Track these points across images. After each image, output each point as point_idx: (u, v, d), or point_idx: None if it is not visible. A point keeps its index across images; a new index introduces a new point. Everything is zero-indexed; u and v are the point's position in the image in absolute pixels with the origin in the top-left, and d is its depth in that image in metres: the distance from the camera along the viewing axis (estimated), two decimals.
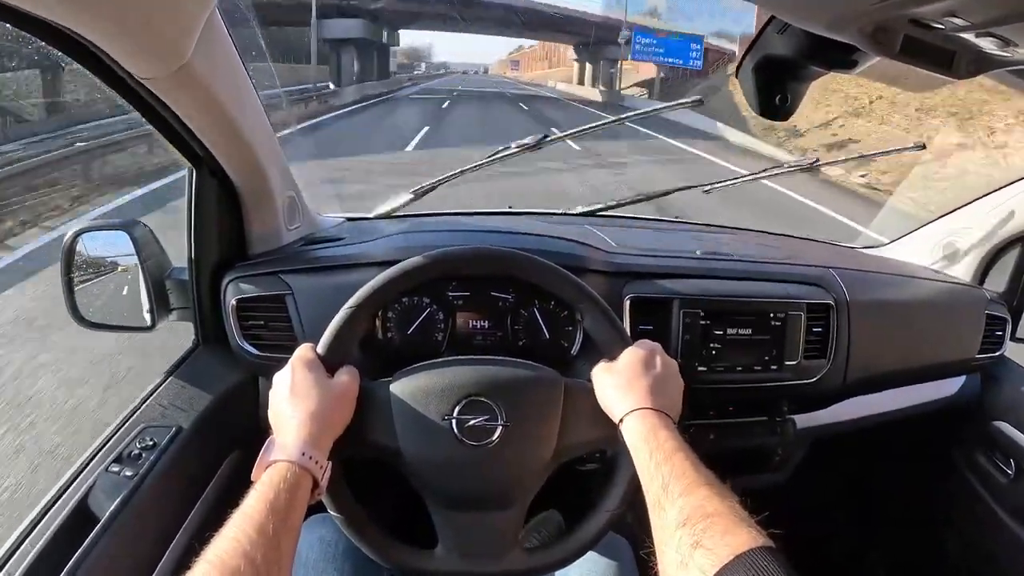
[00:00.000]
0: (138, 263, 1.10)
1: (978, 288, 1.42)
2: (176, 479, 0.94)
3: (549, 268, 0.90)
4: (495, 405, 0.82)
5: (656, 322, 1.12)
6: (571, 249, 1.17)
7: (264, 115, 1.06)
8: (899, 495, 1.65)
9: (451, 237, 1.26)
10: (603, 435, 0.83)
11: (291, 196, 1.21)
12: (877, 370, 1.25)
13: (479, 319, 1.14)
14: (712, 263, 1.23)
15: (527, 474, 0.83)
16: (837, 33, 0.55)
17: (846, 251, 1.66)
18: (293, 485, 0.68)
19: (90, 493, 0.86)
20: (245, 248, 1.16)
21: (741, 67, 0.76)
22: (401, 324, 1.11)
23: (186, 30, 0.75)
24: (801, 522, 1.02)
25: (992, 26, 0.45)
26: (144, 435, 0.96)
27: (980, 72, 0.58)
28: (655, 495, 0.69)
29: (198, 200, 1.08)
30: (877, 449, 1.61)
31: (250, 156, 1.04)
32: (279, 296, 1.08)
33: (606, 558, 0.98)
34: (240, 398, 1.12)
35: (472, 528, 0.83)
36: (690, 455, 0.72)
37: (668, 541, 0.63)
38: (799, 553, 0.62)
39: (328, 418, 0.76)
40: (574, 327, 1.13)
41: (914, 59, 0.54)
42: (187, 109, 0.88)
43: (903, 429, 1.38)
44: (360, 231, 1.32)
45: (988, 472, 1.36)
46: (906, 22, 0.49)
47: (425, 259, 0.88)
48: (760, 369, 1.14)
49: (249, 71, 0.97)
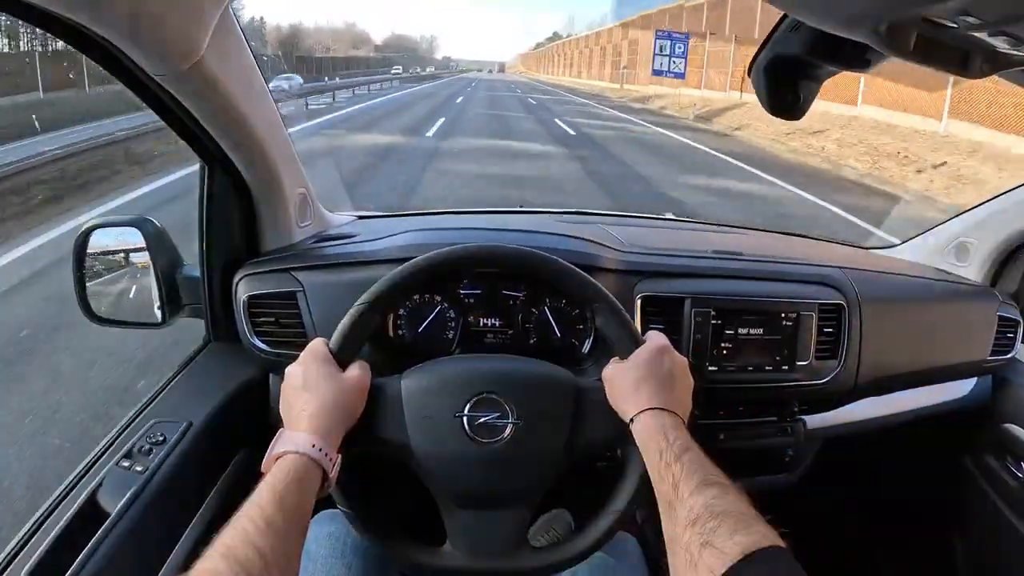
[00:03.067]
0: (150, 259, 1.11)
1: (990, 290, 1.41)
2: (186, 475, 0.95)
3: (561, 266, 0.90)
4: (506, 403, 0.82)
5: (667, 321, 1.11)
6: (583, 247, 1.17)
7: (276, 112, 1.06)
8: (909, 497, 1.63)
9: (462, 235, 1.26)
10: (613, 434, 0.83)
11: (302, 193, 1.21)
12: (888, 371, 1.24)
13: (490, 317, 1.14)
14: (724, 262, 1.23)
15: (537, 472, 0.83)
16: (850, 32, 0.54)
17: (858, 252, 1.65)
18: (303, 477, 0.69)
19: (100, 488, 0.87)
20: (257, 245, 1.17)
21: (753, 65, 0.75)
22: (413, 322, 1.11)
23: (199, 27, 0.76)
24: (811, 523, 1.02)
25: (1005, 24, 0.45)
26: (154, 431, 0.96)
27: (995, 72, 0.58)
28: (665, 494, 0.69)
29: (210, 197, 1.08)
30: (887, 451, 1.59)
31: (262, 153, 1.04)
32: (290, 293, 1.09)
33: (615, 557, 0.98)
34: (251, 395, 1.13)
35: (480, 525, 0.83)
36: (700, 454, 0.72)
37: (678, 540, 0.63)
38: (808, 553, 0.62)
39: (339, 412, 0.77)
40: (586, 326, 1.13)
41: (928, 58, 0.54)
42: (200, 106, 0.89)
43: (914, 431, 1.37)
44: (371, 229, 1.33)
45: (998, 475, 1.35)
46: (919, 21, 0.48)
47: (437, 256, 0.88)
48: (771, 369, 1.14)
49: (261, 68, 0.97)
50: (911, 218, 8.62)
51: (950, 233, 1.51)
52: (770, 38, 0.71)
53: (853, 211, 7.71)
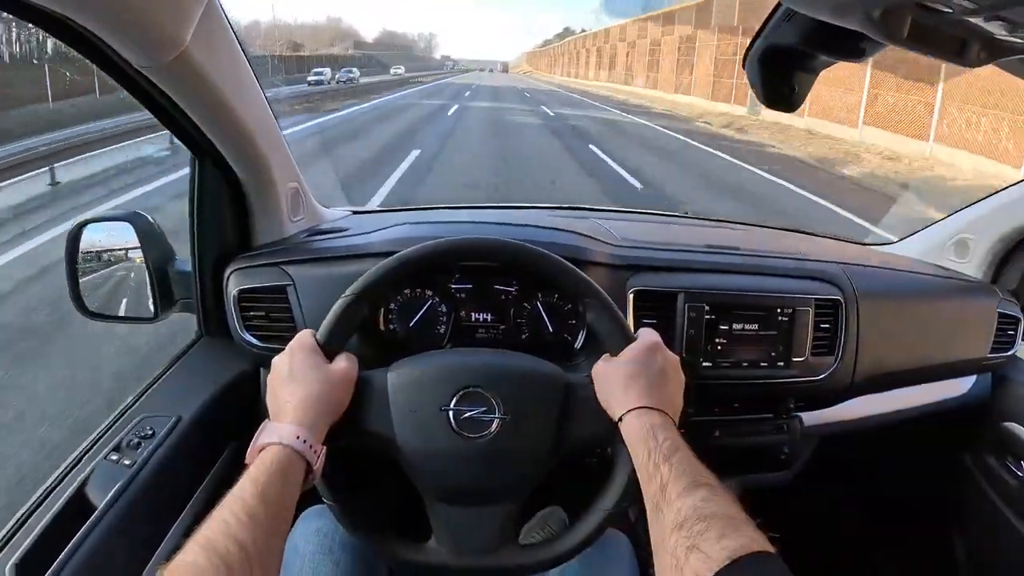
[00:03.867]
0: (142, 254, 1.11)
1: (990, 286, 1.40)
2: (174, 469, 0.94)
3: (552, 260, 0.89)
4: (493, 398, 0.81)
5: (660, 316, 1.10)
6: (574, 241, 1.16)
7: (267, 105, 1.05)
8: (906, 496, 1.62)
9: (454, 229, 1.25)
10: (602, 432, 0.82)
11: (294, 187, 1.20)
12: (886, 368, 1.23)
13: (482, 312, 1.13)
14: (718, 257, 1.22)
15: (524, 469, 0.82)
16: (843, 19, 0.53)
17: (856, 247, 1.64)
18: (286, 469, 0.68)
19: (87, 481, 0.87)
20: (248, 239, 1.17)
21: (747, 56, 0.74)
22: (404, 316, 1.11)
23: (182, 18, 0.75)
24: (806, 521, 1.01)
25: (1000, 8, 0.44)
26: (143, 424, 0.96)
27: (992, 60, 0.57)
28: (653, 496, 0.68)
29: (201, 190, 1.08)
30: (885, 449, 1.58)
31: (252, 146, 1.03)
32: (280, 287, 1.08)
33: (606, 555, 0.97)
34: (241, 389, 1.13)
35: (467, 521, 0.82)
36: (689, 455, 0.70)
37: (664, 543, 0.62)
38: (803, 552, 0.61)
39: (324, 403, 0.76)
40: (578, 321, 1.12)
41: (923, 46, 0.52)
42: (186, 98, 0.88)
43: (912, 429, 1.36)
44: (364, 223, 1.32)
45: (997, 474, 1.33)
46: (913, 5, 0.47)
47: (426, 248, 0.87)
48: (766, 365, 1.13)
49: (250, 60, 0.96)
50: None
51: (950, 229, 1.49)
52: (764, 28, 0.70)
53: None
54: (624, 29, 51.27)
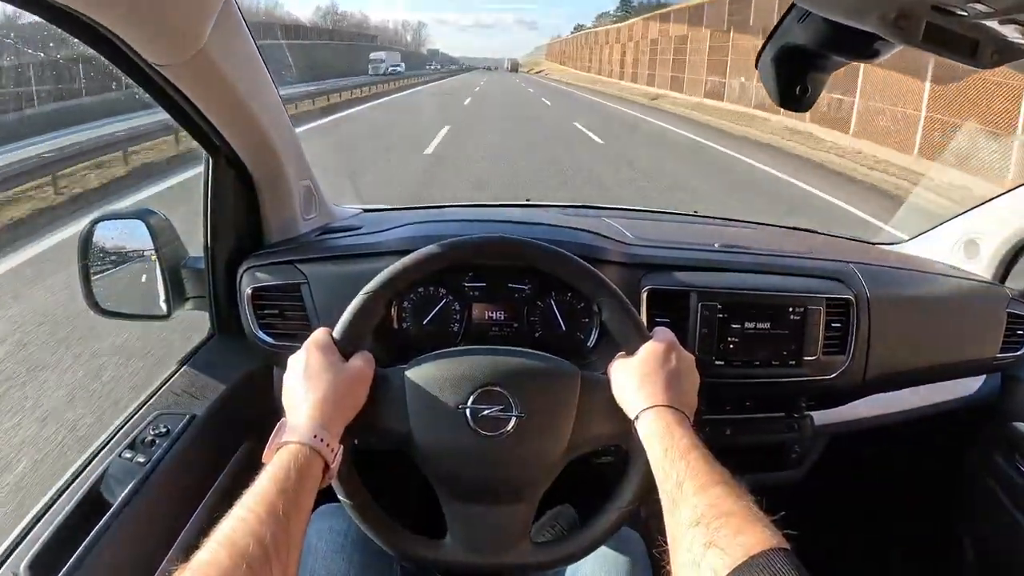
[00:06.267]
0: (154, 251, 1.11)
1: (1000, 286, 1.39)
2: (189, 467, 0.95)
3: (566, 258, 0.89)
4: (510, 396, 0.81)
5: (673, 315, 1.11)
6: (589, 240, 1.16)
7: (280, 104, 1.06)
8: (916, 495, 1.62)
9: (467, 227, 1.26)
10: (618, 430, 0.82)
11: (307, 185, 1.21)
12: (896, 367, 1.23)
13: (495, 310, 1.13)
14: (731, 256, 1.22)
15: (539, 467, 0.83)
16: (858, 20, 0.53)
17: (866, 247, 1.64)
18: (304, 466, 0.68)
19: (103, 479, 0.87)
20: (261, 237, 1.17)
21: (761, 56, 0.74)
22: (417, 314, 1.11)
23: (201, 16, 0.76)
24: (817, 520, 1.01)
25: (1015, 12, 0.44)
26: (158, 422, 0.96)
27: (1005, 61, 0.57)
28: (669, 493, 0.68)
29: (215, 189, 1.08)
30: (895, 447, 1.58)
31: (266, 144, 1.04)
32: (295, 285, 1.09)
33: (618, 553, 0.97)
34: (254, 387, 1.13)
35: (482, 520, 0.83)
36: (705, 453, 0.71)
37: (681, 540, 0.62)
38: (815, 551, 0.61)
39: (341, 401, 0.76)
40: (591, 319, 1.12)
41: (937, 47, 0.53)
42: (202, 96, 0.89)
43: (921, 428, 1.36)
44: (377, 221, 1.32)
45: (1006, 474, 1.33)
46: (928, 8, 0.48)
47: (441, 247, 0.87)
48: (778, 364, 1.13)
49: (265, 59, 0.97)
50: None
51: (959, 229, 1.49)
52: (777, 29, 0.70)
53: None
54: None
